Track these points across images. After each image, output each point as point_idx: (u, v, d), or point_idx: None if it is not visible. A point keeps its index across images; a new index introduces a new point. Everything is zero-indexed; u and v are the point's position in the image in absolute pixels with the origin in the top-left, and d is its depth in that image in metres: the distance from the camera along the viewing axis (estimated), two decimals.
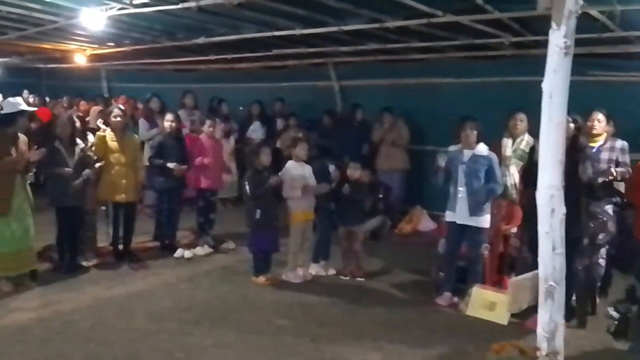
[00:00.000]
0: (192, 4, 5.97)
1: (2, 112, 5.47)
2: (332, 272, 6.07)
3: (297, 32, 6.92)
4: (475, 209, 5.13)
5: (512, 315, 4.83)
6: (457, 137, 5.30)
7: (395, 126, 8.47)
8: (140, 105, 10.00)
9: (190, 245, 6.81)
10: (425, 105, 8.67)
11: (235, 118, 9.59)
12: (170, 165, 6.51)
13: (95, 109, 9.47)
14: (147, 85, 11.90)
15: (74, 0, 6.60)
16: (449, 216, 5.34)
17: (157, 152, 6.63)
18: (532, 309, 4.18)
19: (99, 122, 6.73)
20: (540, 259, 3.63)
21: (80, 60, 11.08)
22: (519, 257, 5.38)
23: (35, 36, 8.85)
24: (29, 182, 5.64)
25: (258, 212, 5.60)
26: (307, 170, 5.80)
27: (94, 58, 11.12)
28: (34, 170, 6.15)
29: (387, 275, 6.19)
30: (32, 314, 4.82)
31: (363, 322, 4.89)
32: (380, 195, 7.71)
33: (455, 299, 5.25)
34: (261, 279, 5.71)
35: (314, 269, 6.02)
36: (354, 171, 5.99)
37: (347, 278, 5.98)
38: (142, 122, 8.28)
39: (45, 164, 5.81)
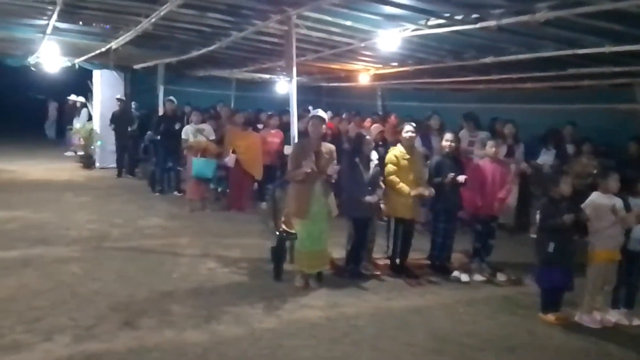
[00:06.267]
0: (491, 24, 5.82)
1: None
2: (637, 322, 5.26)
3: (606, 49, 6.27)
4: None
5: None
6: None
7: None
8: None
9: (463, 269, 6.60)
10: None
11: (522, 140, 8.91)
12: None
13: (376, 126, 9.89)
14: (420, 104, 12.11)
15: (372, 23, 7.01)
16: None
17: (435, 172, 6.55)
18: None
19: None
20: None
21: (363, 79, 11.79)
22: None
23: (328, 57, 9.70)
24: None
25: (551, 245, 5.13)
26: (617, 203, 5.12)
27: (374, 77, 11.71)
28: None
29: None
30: (320, 313, 5.14)
31: None
32: None
33: None
34: (550, 316, 5.22)
35: (614, 316, 5.28)
36: None
37: None
38: (417, 140, 8.34)
39: (344, 178, 6.18)
